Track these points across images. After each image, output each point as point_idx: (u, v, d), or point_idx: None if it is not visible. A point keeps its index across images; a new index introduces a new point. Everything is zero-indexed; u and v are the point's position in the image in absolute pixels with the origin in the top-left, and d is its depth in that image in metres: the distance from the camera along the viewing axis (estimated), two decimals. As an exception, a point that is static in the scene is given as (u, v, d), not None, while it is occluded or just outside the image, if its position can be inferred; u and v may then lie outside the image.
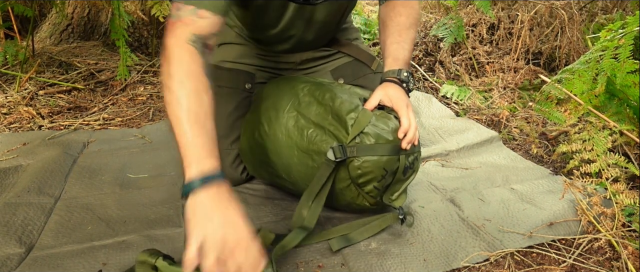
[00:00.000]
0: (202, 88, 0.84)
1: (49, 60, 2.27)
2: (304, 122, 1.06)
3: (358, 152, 0.98)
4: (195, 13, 0.88)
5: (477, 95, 1.99)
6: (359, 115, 1.01)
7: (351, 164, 0.99)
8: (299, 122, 1.07)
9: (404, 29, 1.13)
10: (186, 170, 0.78)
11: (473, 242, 1.04)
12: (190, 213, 0.75)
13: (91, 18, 2.64)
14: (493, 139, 1.59)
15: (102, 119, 1.79)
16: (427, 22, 2.57)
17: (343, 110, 1.02)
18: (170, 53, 0.85)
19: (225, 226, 0.73)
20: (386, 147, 0.99)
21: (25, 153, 1.46)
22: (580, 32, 2.15)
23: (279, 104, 1.12)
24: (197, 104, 0.82)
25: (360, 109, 1.03)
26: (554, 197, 1.21)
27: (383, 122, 1.01)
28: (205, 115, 0.83)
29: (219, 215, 0.74)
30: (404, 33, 1.12)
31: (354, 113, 1.01)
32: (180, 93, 0.81)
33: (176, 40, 0.86)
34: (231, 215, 0.75)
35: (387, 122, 1.01)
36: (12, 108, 1.85)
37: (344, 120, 1.01)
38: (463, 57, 2.27)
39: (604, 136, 1.28)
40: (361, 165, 0.99)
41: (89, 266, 0.96)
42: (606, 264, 0.99)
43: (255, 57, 1.30)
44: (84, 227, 1.10)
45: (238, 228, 0.75)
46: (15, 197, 1.20)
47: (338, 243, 1.01)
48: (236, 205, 0.77)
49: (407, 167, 1.05)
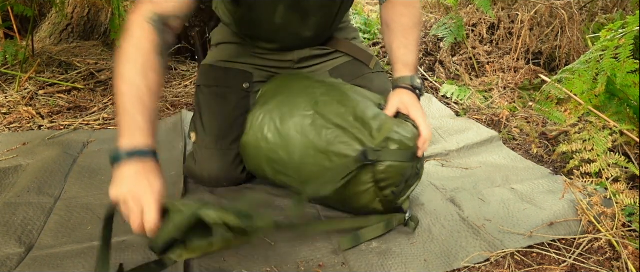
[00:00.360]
0: (149, 66, 0.86)
1: (49, 60, 2.27)
2: (323, 121, 1.06)
3: (384, 156, 0.99)
4: None
5: (477, 95, 1.99)
6: (384, 120, 1.03)
7: (377, 167, 1.00)
8: (317, 122, 1.06)
9: (408, 29, 1.13)
10: (119, 140, 0.83)
11: (473, 242, 1.04)
12: (114, 180, 0.81)
13: (91, 18, 2.64)
14: (493, 139, 1.59)
15: (102, 119, 1.79)
16: (427, 22, 2.57)
17: (367, 115, 1.03)
18: (129, 29, 0.89)
19: (134, 186, 0.79)
20: (407, 153, 1.01)
21: (25, 153, 1.46)
22: (581, 32, 2.15)
23: (294, 101, 1.11)
24: (142, 82, 0.85)
25: (383, 115, 1.05)
26: (554, 197, 1.21)
27: (403, 129, 1.03)
28: (149, 93, 0.85)
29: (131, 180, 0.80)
30: (409, 34, 1.13)
31: (377, 118, 1.03)
32: (127, 68, 0.85)
33: (136, 18, 0.89)
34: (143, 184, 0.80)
35: (407, 129, 1.03)
36: (12, 108, 1.85)
37: (368, 124, 1.02)
38: (463, 57, 2.27)
39: (604, 135, 1.28)
40: (386, 169, 1.00)
41: (89, 266, 0.96)
42: (606, 264, 0.99)
43: (253, 56, 1.30)
44: (83, 227, 1.10)
45: (143, 190, 0.79)
46: (15, 197, 1.20)
47: (347, 242, 1.02)
48: (155, 180, 0.81)
49: (414, 174, 1.08)
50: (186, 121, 1.68)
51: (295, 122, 1.08)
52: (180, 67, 2.38)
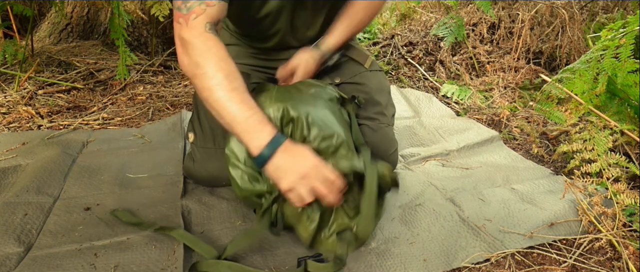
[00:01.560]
0: (234, 69, 0.92)
1: (48, 59, 2.27)
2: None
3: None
4: (203, 2, 0.93)
5: (477, 95, 1.98)
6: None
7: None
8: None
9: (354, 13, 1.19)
10: (249, 145, 0.90)
11: (473, 243, 1.03)
12: (274, 175, 0.90)
13: (90, 17, 2.64)
14: (494, 139, 1.58)
15: (101, 119, 1.78)
16: (427, 22, 2.57)
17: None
18: (192, 44, 0.92)
19: (299, 166, 0.88)
20: None
21: (24, 153, 1.45)
22: (581, 31, 2.15)
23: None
24: (237, 83, 0.90)
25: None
26: (555, 197, 1.20)
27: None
28: (245, 91, 0.91)
29: (292, 163, 0.88)
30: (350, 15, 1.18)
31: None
32: (219, 77, 0.89)
33: (194, 31, 0.92)
34: (300, 157, 0.89)
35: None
36: (11, 108, 1.85)
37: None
38: (463, 56, 2.26)
39: (605, 135, 1.28)
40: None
41: (88, 266, 0.95)
42: (607, 264, 0.99)
43: (250, 57, 1.29)
44: (83, 227, 1.09)
45: (307, 160, 0.89)
46: (14, 196, 1.20)
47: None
48: (302, 148, 0.90)
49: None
50: (186, 121, 1.68)
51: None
52: (179, 67, 2.37)
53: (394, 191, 1.15)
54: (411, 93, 1.99)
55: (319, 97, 1.08)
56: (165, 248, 1.01)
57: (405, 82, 2.19)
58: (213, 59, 0.90)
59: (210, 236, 1.07)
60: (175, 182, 1.29)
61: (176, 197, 1.22)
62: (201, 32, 0.92)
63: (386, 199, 1.07)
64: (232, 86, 0.90)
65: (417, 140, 1.61)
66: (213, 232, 1.09)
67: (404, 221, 1.12)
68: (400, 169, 1.38)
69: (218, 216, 1.15)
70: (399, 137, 1.54)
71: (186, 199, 1.22)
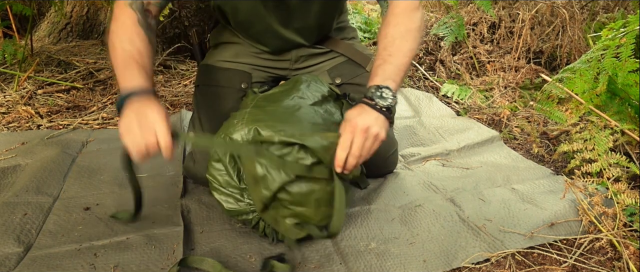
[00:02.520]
0: (135, 36, 0.98)
1: (48, 59, 2.27)
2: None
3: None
4: None
5: (477, 95, 1.98)
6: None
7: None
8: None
9: (396, 39, 1.03)
10: (120, 92, 0.93)
11: (473, 243, 1.03)
12: (121, 121, 0.90)
13: (90, 17, 2.64)
14: (494, 139, 1.58)
15: (101, 118, 1.78)
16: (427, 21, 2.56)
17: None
18: (114, 15, 1.02)
19: (138, 112, 0.89)
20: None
21: (24, 152, 1.45)
22: (582, 31, 2.14)
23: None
24: (131, 47, 0.97)
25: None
26: (555, 197, 1.20)
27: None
28: (139, 54, 0.97)
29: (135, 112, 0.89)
30: (395, 44, 1.03)
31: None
32: (117, 42, 0.97)
33: (119, 3, 1.02)
34: (148, 108, 0.89)
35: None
36: (10, 107, 1.85)
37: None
38: (464, 56, 2.26)
39: (606, 135, 1.28)
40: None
41: (88, 266, 0.95)
42: (607, 264, 0.98)
43: (251, 56, 1.29)
44: (82, 226, 1.09)
45: (149, 110, 0.89)
46: (13, 196, 1.20)
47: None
48: (157, 106, 0.90)
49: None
50: (186, 121, 1.68)
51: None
52: (179, 66, 2.37)
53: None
54: (411, 93, 1.99)
55: (301, 107, 1.03)
56: (165, 248, 1.01)
57: (405, 81, 2.19)
58: (120, 29, 0.99)
59: (209, 236, 1.07)
60: (175, 183, 1.29)
61: (176, 197, 1.21)
62: (123, 6, 1.00)
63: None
64: (125, 49, 0.96)
65: (417, 140, 1.60)
66: (212, 232, 1.08)
67: (403, 221, 1.12)
68: (400, 169, 1.38)
69: (218, 216, 1.14)
70: (399, 137, 1.54)
71: (186, 199, 1.22)
